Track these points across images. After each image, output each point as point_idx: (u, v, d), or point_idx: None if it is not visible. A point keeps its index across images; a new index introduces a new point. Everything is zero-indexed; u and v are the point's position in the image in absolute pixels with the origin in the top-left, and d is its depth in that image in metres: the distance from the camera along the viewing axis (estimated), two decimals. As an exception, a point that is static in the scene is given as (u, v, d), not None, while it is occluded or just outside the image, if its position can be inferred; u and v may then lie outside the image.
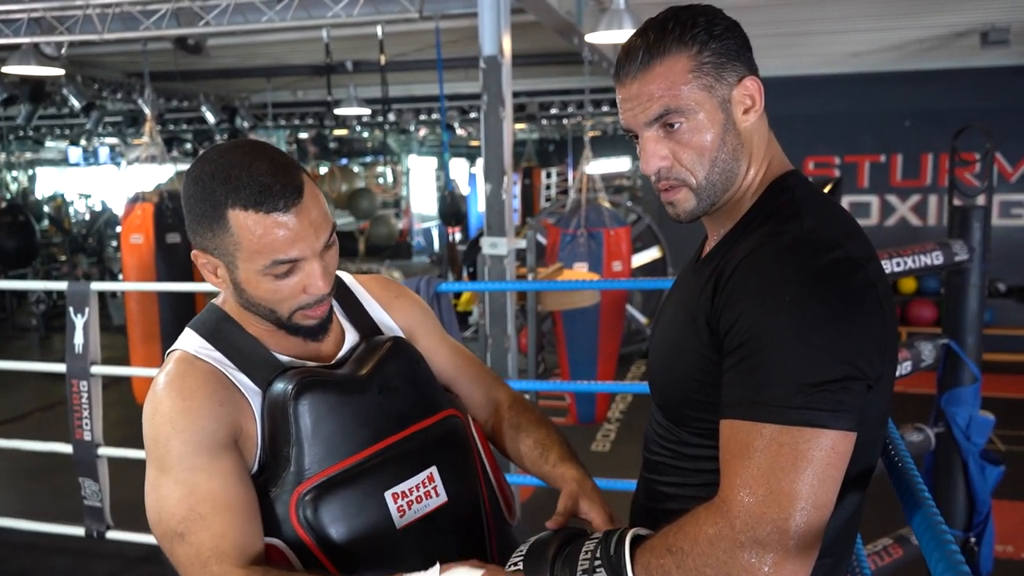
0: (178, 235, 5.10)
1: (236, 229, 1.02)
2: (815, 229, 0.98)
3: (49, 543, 3.87)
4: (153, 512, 1.06)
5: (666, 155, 1.06)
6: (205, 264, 1.10)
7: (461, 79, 7.34)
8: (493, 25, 3.39)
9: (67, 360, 3.20)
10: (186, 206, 1.06)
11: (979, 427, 2.62)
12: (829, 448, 0.89)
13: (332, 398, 1.11)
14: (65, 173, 16.95)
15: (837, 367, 0.90)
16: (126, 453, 3.37)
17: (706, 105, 1.04)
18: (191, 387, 1.07)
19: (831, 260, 0.94)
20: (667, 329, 1.14)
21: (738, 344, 0.95)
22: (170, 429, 1.05)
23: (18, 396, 6.59)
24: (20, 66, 4.82)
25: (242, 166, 1.02)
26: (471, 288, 5.02)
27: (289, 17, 4.18)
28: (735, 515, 0.89)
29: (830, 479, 0.89)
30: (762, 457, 0.89)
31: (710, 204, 1.08)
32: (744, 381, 0.93)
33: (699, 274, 1.10)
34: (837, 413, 0.89)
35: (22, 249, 9.49)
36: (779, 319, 0.92)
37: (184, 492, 1.03)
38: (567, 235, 5.40)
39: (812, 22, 5.44)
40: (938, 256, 2.46)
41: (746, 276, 0.97)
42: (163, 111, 9.32)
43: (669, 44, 1.03)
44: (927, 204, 7.64)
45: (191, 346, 1.13)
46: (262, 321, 1.13)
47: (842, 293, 0.93)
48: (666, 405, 1.12)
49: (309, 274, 1.07)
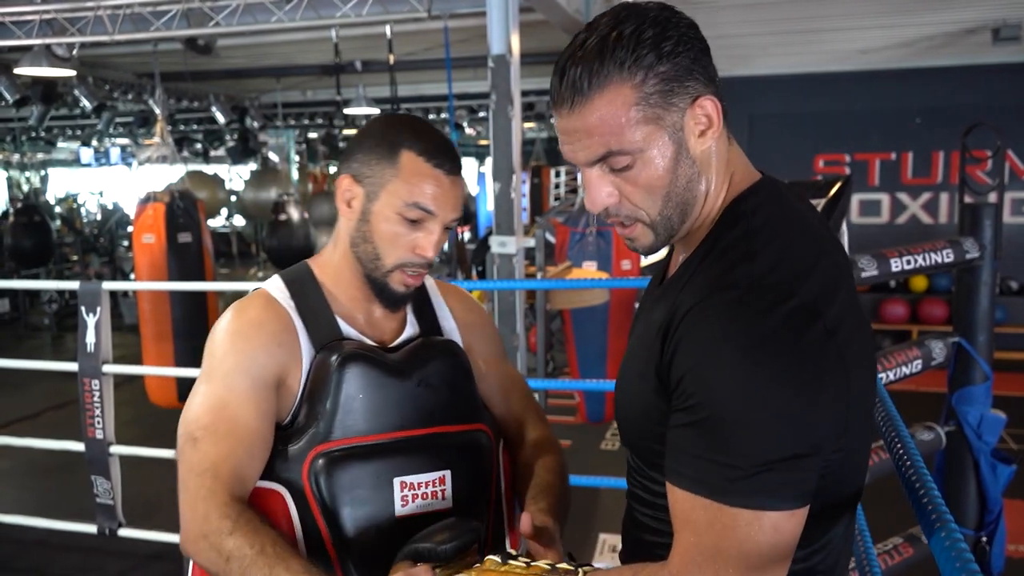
0: (189, 235, 5.12)
1: (402, 164, 1.16)
2: (765, 274, 0.88)
3: (61, 540, 3.90)
4: (185, 413, 1.13)
5: (612, 192, 0.95)
6: (347, 190, 1.19)
7: (470, 78, 7.35)
8: (502, 24, 3.39)
9: (79, 359, 3.22)
10: (358, 139, 1.20)
11: (990, 426, 2.60)
12: (772, 530, 0.84)
13: (373, 375, 1.17)
14: (77, 173, 17.05)
15: (785, 445, 0.83)
16: (138, 451, 3.39)
17: (654, 139, 0.92)
18: (260, 319, 1.17)
19: (783, 314, 0.85)
20: (627, 364, 1.06)
21: (684, 406, 0.88)
22: (228, 346, 1.14)
23: (30, 395, 6.64)
24: (32, 67, 4.85)
25: (428, 128, 1.19)
26: (481, 287, 5.03)
27: (298, 17, 4.19)
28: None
29: (779, 557, 0.85)
30: (707, 536, 0.85)
31: (668, 237, 0.99)
32: (689, 449, 0.87)
33: (658, 306, 1.00)
34: (782, 495, 0.84)
35: (38, 249, 9.58)
36: (723, 389, 0.84)
37: (214, 404, 1.11)
38: (576, 234, 5.40)
39: (821, 19, 5.43)
40: (949, 254, 2.46)
41: (694, 328, 0.89)
42: (173, 111, 9.38)
43: (610, 71, 0.89)
44: (938, 202, 7.60)
45: (274, 289, 1.22)
46: (352, 279, 1.22)
47: (795, 355, 0.84)
48: (630, 443, 1.06)
49: (428, 234, 1.17)
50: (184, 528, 1.09)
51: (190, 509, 1.08)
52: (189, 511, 1.08)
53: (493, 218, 3.55)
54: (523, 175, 11.31)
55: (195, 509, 1.07)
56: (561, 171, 13.73)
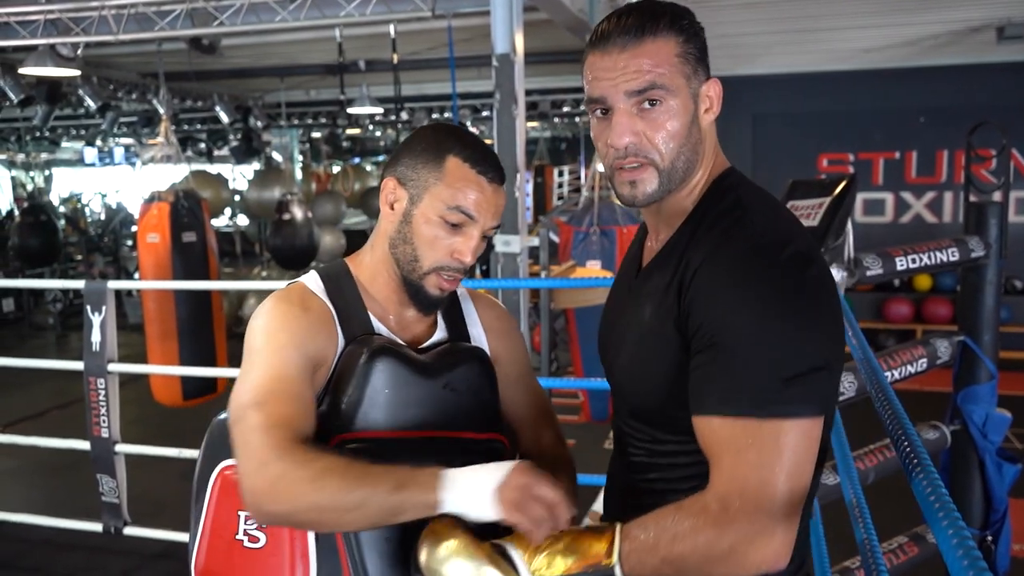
0: (194, 234, 5.13)
1: (448, 168, 1.18)
2: (766, 229, 1.04)
3: (66, 539, 3.91)
4: (239, 386, 1.12)
5: (638, 132, 1.07)
6: (391, 192, 1.22)
7: (473, 77, 7.35)
8: (506, 23, 3.40)
9: (85, 358, 3.23)
10: (406, 145, 1.24)
11: (996, 425, 2.60)
12: (804, 435, 0.97)
13: (400, 371, 1.17)
14: (81, 173, 17.09)
15: (806, 359, 0.97)
16: (144, 450, 3.40)
17: (683, 92, 1.07)
18: (305, 305, 1.19)
19: (786, 257, 1.01)
20: (627, 339, 1.16)
21: (708, 344, 1.00)
22: (279, 324, 1.15)
23: (35, 394, 6.66)
24: (37, 67, 4.87)
25: (475, 138, 1.23)
26: (485, 286, 5.03)
27: (302, 16, 4.20)
28: (733, 514, 0.95)
29: (808, 462, 0.98)
30: (749, 452, 0.96)
31: (667, 191, 1.10)
32: (719, 378, 0.99)
33: (654, 279, 1.12)
34: (809, 403, 0.97)
35: (44, 248, 9.60)
36: (748, 318, 0.98)
37: (274, 374, 1.11)
38: (580, 233, 5.40)
39: (825, 18, 5.42)
40: (954, 253, 2.45)
41: (709, 279, 1.02)
42: (177, 111, 9.39)
43: (662, 26, 1.06)
44: (942, 201, 7.58)
45: (311, 283, 1.24)
46: (388, 280, 1.24)
47: (801, 288, 1.00)
48: (639, 410, 1.15)
49: (467, 239, 1.20)
50: (257, 482, 1.02)
51: (259, 461, 1.03)
52: (258, 463, 1.03)
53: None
54: (526, 174, 11.33)
55: (269, 456, 1.02)
56: (564, 170, 13.74)
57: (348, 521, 1.03)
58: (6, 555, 3.93)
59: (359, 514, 1.01)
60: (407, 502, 1.01)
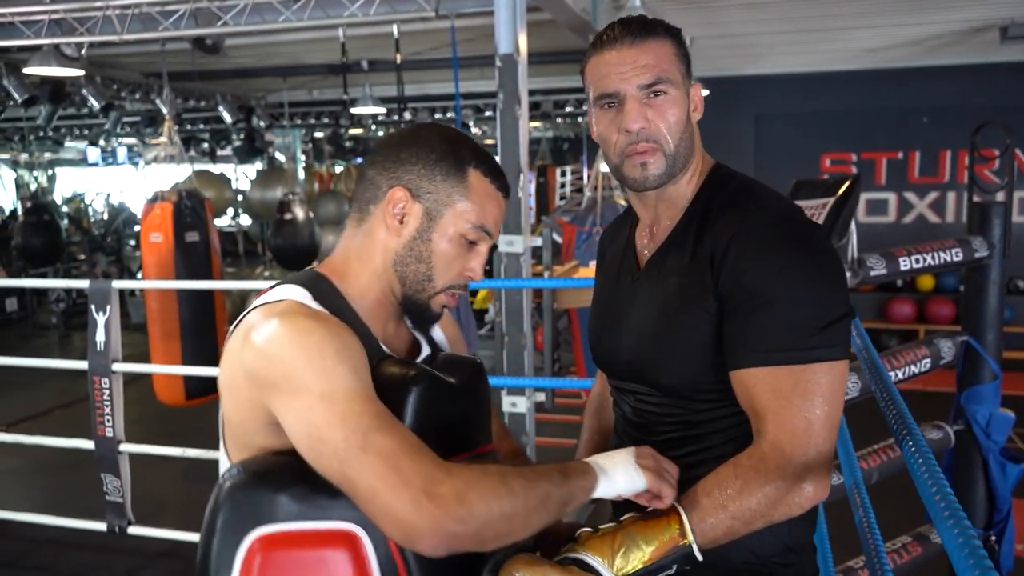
0: (197, 234, 5.13)
1: (472, 183, 1.12)
2: (779, 203, 1.20)
3: (70, 538, 3.92)
4: (311, 432, 0.93)
5: (648, 118, 1.19)
6: (401, 203, 1.10)
7: (476, 77, 7.35)
8: (509, 23, 3.40)
9: (89, 357, 3.24)
10: (412, 150, 1.11)
11: (999, 425, 2.60)
12: (841, 375, 1.10)
13: (438, 396, 1.07)
14: (84, 173, 17.10)
15: (835, 308, 1.10)
16: (148, 449, 3.41)
17: (681, 87, 1.21)
18: (332, 321, 1.02)
19: (804, 225, 1.17)
20: (645, 323, 1.24)
21: (744, 301, 1.12)
22: (335, 343, 0.98)
23: (38, 394, 6.67)
24: (41, 67, 4.87)
25: (479, 145, 1.17)
26: (489, 286, 5.03)
27: (306, 17, 4.20)
28: (791, 454, 1.06)
29: (841, 398, 1.11)
30: (795, 396, 1.08)
31: (671, 175, 1.22)
32: (758, 331, 1.10)
33: (669, 260, 1.23)
34: (841, 346, 1.10)
35: (47, 248, 9.61)
36: (783, 276, 1.11)
37: (368, 396, 0.96)
38: (583, 233, 5.40)
39: (828, 18, 5.41)
40: (958, 253, 2.45)
41: (744, 246, 1.13)
42: (181, 111, 9.39)
43: (659, 31, 1.21)
44: (945, 201, 7.57)
45: (305, 300, 1.05)
46: (381, 298, 1.13)
47: (822, 250, 1.15)
48: (672, 383, 1.22)
49: (480, 256, 1.15)
50: (433, 506, 0.89)
51: (428, 482, 0.90)
52: (425, 485, 0.90)
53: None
54: (529, 174, 11.31)
55: (439, 474, 0.91)
56: (567, 170, 13.73)
57: (532, 524, 0.97)
58: (11, 554, 3.94)
59: (542, 512, 0.98)
60: (574, 488, 1.03)
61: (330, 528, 0.97)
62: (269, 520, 0.97)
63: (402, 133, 1.16)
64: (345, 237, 1.17)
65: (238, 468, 1.01)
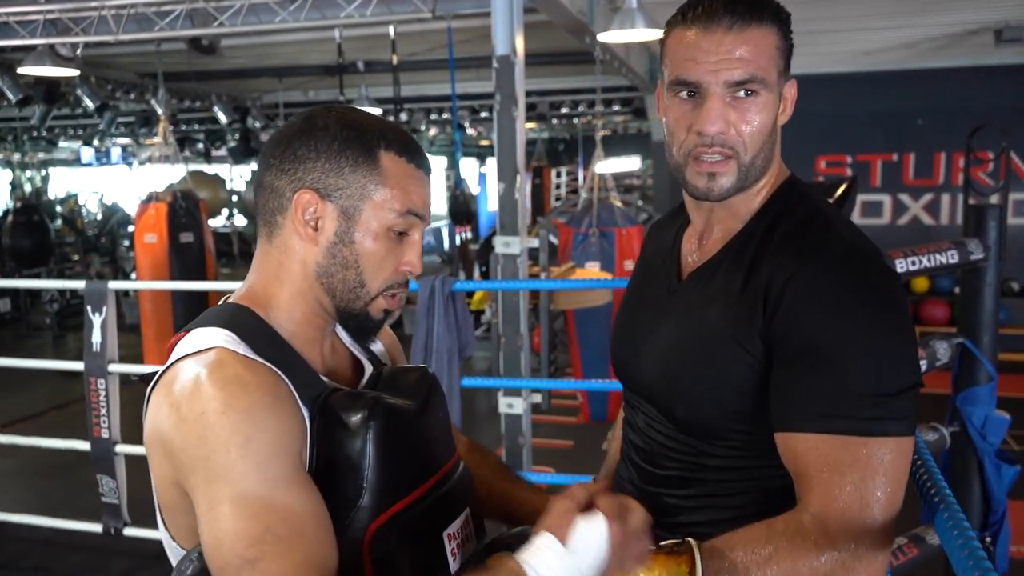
0: (191, 234, 5.13)
1: (387, 169, 0.97)
2: (853, 240, 1.01)
3: (66, 539, 3.91)
4: (211, 536, 0.84)
5: (729, 121, 1.02)
6: (311, 207, 0.96)
7: (472, 78, 7.35)
8: (506, 25, 3.40)
9: (85, 358, 3.23)
10: (317, 145, 0.96)
11: (995, 426, 2.61)
12: (904, 454, 0.94)
13: (397, 426, 0.97)
14: (78, 173, 17.06)
15: (906, 376, 0.95)
16: (143, 451, 3.40)
17: (775, 89, 1.04)
18: (257, 385, 0.89)
19: (878, 271, 0.99)
20: (674, 345, 1.09)
21: (801, 354, 0.96)
22: (247, 428, 0.85)
23: (33, 395, 6.64)
24: (36, 67, 4.86)
25: (386, 121, 1.01)
26: (485, 287, 5.03)
27: (302, 17, 4.20)
28: (835, 534, 0.91)
29: (903, 481, 0.95)
30: (851, 471, 0.92)
31: (740, 189, 1.06)
32: (819, 393, 0.95)
33: (716, 281, 1.06)
34: (909, 421, 0.94)
35: (37, 249, 9.57)
36: (852, 332, 0.95)
37: (259, 508, 0.84)
38: (579, 234, 5.41)
39: (824, 20, 5.43)
40: (953, 255, 2.46)
41: (807, 288, 0.97)
42: (176, 111, 9.38)
43: (768, 14, 1.02)
44: (940, 203, 7.59)
45: (233, 346, 0.93)
46: (311, 318, 1.01)
47: (896, 303, 0.98)
48: (687, 419, 1.07)
49: (414, 245, 1.00)
50: None
51: None
52: None
53: (497, 218, 3.56)
54: (525, 175, 11.30)
55: None
56: (562, 171, 13.76)
57: None
58: (6, 556, 3.93)
59: None
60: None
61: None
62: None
63: (293, 126, 0.98)
64: (258, 258, 1.03)
65: (197, 556, 0.92)
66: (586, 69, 6.31)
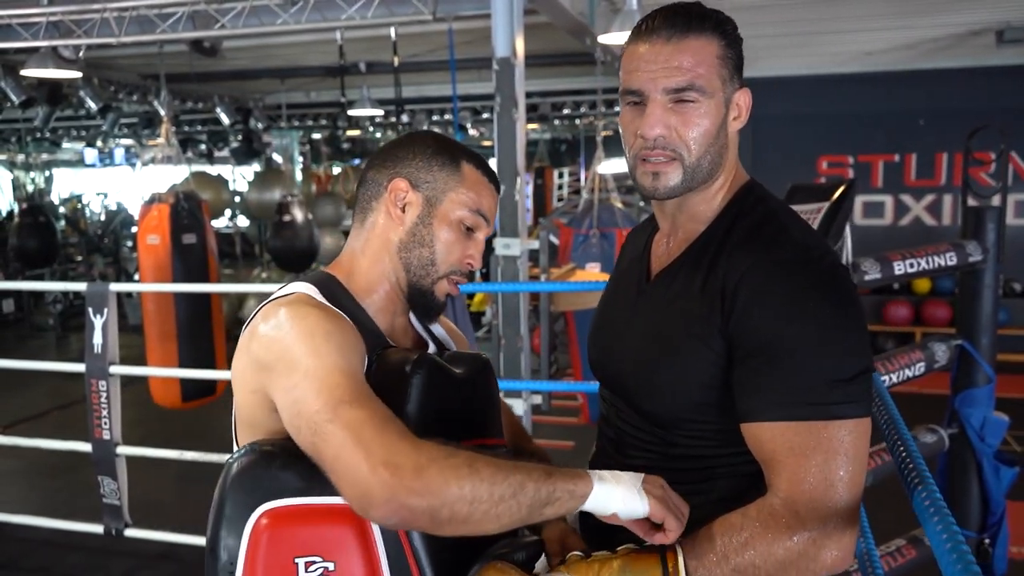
0: (194, 236, 5.13)
1: (466, 174, 1.18)
2: (804, 239, 1.08)
3: (67, 540, 3.92)
4: (304, 394, 0.95)
5: (670, 125, 1.08)
6: (402, 194, 1.17)
7: (473, 79, 7.36)
8: (506, 26, 3.41)
9: (86, 360, 3.24)
10: (408, 148, 1.19)
11: (993, 428, 2.61)
12: (863, 434, 1.00)
13: (440, 383, 1.07)
14: (81, 174, 17.09)
15: (858, 362, 1.01)
16: (145, 452, 3.41)
17: (717, 95, 1.09)
18: (330, 315, 1.05)
19: (828, 266, 1.05)
20: (643, 343, 1.15)
21: (759, 349, 1.02)
22: (318, 329, 1.01)
23: (35, 395, 6.66)
24: (38, 69, 4.87)
25: (473, 150, 1.23)
26: (486, 289, 5.04)
27: (304, 19, 4.21)
28: (805, 515, 0.97)
29: (864, 460, 1.01)
30: (815, 455, 0.98)
31: (688, 188, 1.12)
32: (778, 384, 1.01)
33: (679, 281, 1.14)
34: (864, 402, 1.01)
35: (42, 249, 9.60)
36: (805, 325, 1.01)
37: (348, 372, 0.98)
38: (580, 235, 5.41)
39: (825, 21, 5.43)
40: (952, 257, 2.46)
41: (759, 286, 1.04)
42: (178, 113, 9.40)
43: (707, 26, 1.08)
44: (942, 204, 7.59)
45: (313, 294, 1.11)
46: (387, 289, 1.18)
47: (846, 296, 1.04)
48: (654, 411, 1.14)
49: (478, 244, 1.19)
50: (391, 476, 0.89)
51: (390, 451, 0.90)
52: (387, 455, 0.90)
53: (497, 220, 3.56)
54: (526, 176, 11.32)
55: (404, 446, 0.91)
56: (564, 172, 13.75)
57: (498, 513, 0.93)
58: (8, 556, 3.94)
59: (512, 504, 0.93)
60: (559, 490, 0.97)
61: (336, 503, 0.97)
62: (276, 496, 0.99)
63: (398, 139, 1.23)
64: (351, 239, 1.22)
65: (245, 448, 1.04)
66: (587, 70, 6.31)
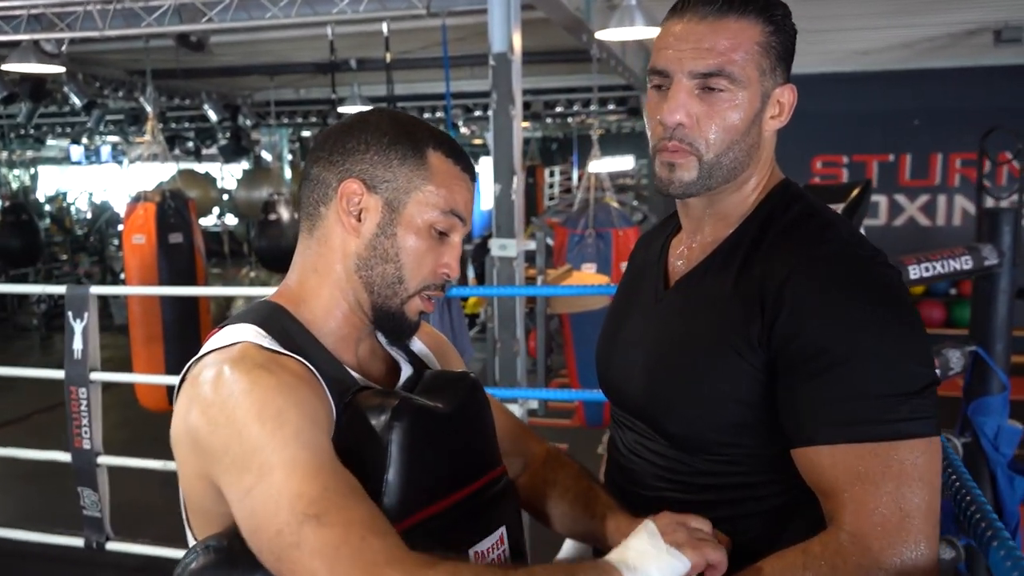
0: (180, 235, 5.02)
1: (433, 166, 0.97)
2: (851, 238, 0.96)
3: (47, 552, 3.79)
4: (262, 506, 0.81)
5: (692, 114, 0.97)
6: (356, 198, 0.95)
7: (466, 77, 7.28)
8: (503, 22, 3.32)
9: (66, 366, 3.13)
10: (367, 138, 0.96)
11: (1008, 437, 2.54)
12: (935, 454, 0.87)
13: (426, 429, 0.93)
14: (66, 172, 16.89)
15: (926, 372, 0.88)
16: (127, 462, 3.30)
17: (753, 87, 0.97)
18: (284, 369, 0.88)
19: (880, 268, 0.94)
20: (664, 356, 1.03)
21: (809, 360, 0.89)
22: (279, 401, 0.84)
23: (19, 397, 6.52)
24: (20, 64, 4.75)
25: (436, 128, 1.01)
26: (481, 293, 4.95)
27: (293, 14, 4.11)
28: (879, 552, 0.84)
29: (938, 484, 0.88)
30: (885, 481, 0.85)
31: (705, 187, 1.00)
32: (832, 400, 0.88)
33: (705, 286, 1.01)
34: (932, 419, 0.88)
35: (25, 249, 9.45)
36: (865, 330, 0.89)
37: (313, 468, 0.81)
38: (575, 235, 5.33)
39: (821, 20, 5.37)
40: (967, 261, 2.38)
41: (808, 287, 0.91)
42: (165, 109, 9.26)
43: (751, 8, 0.96)
44: (936, 204, 7.56)
45: (259, 340, 0.91)
46: (347, 314, 0.99)
47: (903, 299, 0.93)
48: (680, 433, 1.01)
49: (452, 248, 0.99)
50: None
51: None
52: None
53: (492, 219, 3.47)
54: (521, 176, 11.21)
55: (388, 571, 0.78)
56: (555, 171, 13.69)
57: None
58: (-15, 567, 3.83)
59: None
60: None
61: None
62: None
63: (345, 122, 1.00)
64: (297, 253, 1.01)
65: (199, 548, 0.89)
66: (581, 68, 6.23)
